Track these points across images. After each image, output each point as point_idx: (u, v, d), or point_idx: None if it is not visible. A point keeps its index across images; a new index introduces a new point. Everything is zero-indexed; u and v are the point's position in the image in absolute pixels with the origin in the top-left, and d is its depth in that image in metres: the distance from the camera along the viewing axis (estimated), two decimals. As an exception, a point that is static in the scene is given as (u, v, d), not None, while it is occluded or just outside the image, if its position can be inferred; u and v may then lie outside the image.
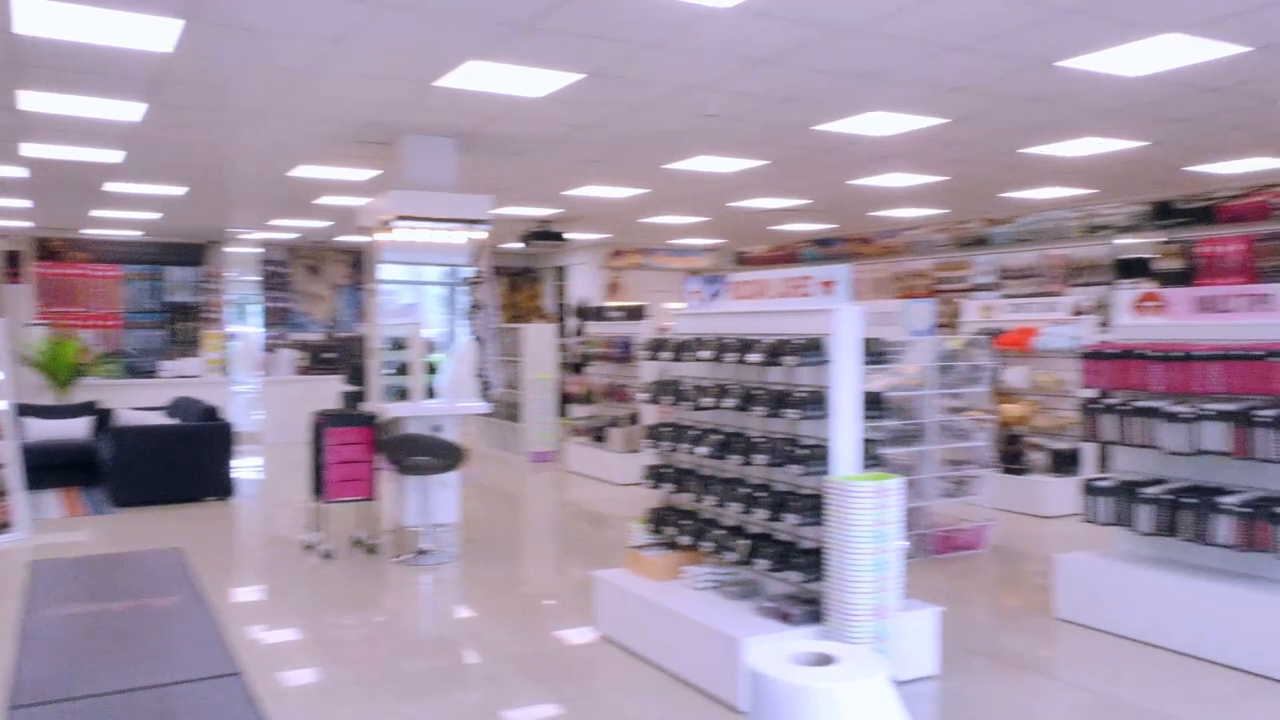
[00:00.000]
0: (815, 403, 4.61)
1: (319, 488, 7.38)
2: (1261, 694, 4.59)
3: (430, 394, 7.58)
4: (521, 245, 15.43)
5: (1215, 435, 4.98)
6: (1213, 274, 11.15)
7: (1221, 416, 4.95)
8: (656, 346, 5.73)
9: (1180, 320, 5.51)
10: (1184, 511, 5.12)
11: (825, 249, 16.66)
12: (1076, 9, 5.07)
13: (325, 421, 7.34)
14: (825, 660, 2.65)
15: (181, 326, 16.49)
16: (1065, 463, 8.80)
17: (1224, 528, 4.94)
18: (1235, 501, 4.95)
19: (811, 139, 8.28)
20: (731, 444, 5.03)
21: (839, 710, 2.44)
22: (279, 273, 17.58)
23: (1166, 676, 4.86)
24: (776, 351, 4.74)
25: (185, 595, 2.84)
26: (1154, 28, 5.39)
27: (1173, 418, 5.15)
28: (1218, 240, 11.26)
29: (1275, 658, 4.70)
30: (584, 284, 19.24)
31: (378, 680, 4.93)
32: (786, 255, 17.33)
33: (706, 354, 5.22)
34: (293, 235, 16.31)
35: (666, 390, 5.53)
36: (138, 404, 11.00)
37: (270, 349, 16.18)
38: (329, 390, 13.16)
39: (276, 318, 17.43)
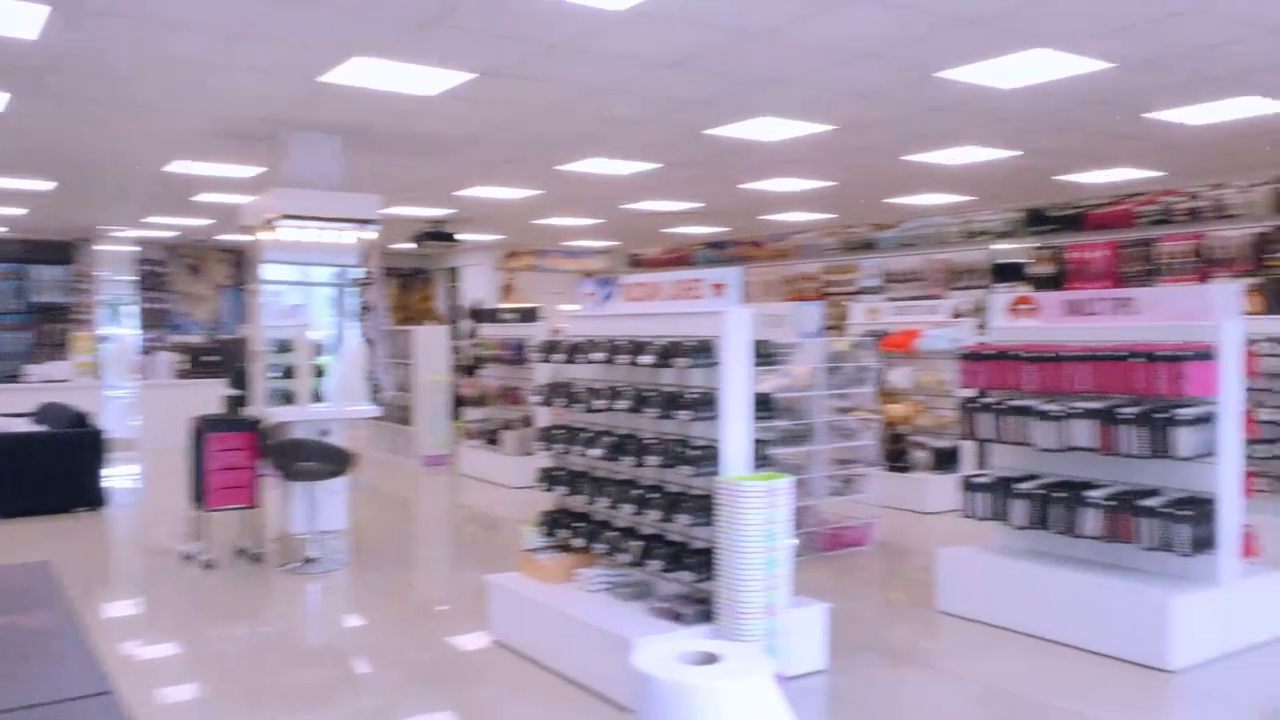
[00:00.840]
0: (706, 404, 4.67)
1: (199, 496, 7.12)
2: (1126, 677, 4.84)
3: (317, 398, 7.40)
4: (413, 246, 15.19)
5: (1083, 432, 5.23)
6: (1081, 278, 11.72)
7: (1088, 414, 5.20)
8: (550, 348, 5.72)
9: (1051, 323, 5.77)
10: (1055, 506, 5.36)
11: (718, 252, 16.89)
12: (954, 22, 5.26)
13: (205, 427, 7.09)
14: (711, 659, 2.69)
15: (50, 328, 15.67)
16: (946, 460, 9.11)
17: (1091, 520, 5.20)
18: (1101, 495, 5.21)
19: (704, 143, 8.39)
20: (624, 445, 5.05)
21: (720, 708, 2.47)
22: (157, 272, 16.89)
23: (1040, 664, 5.08)
24: (668, 353, 4.78)
25: (53, 611, 2.71)
26: (1025, 43, 5.64)
27: (1044, 416, 5.38)
28: (1086, 246, 11.85)
29: (1137, 643, 4.96)
30: (477, 285, 19.05)
31: (263, 693, 4.79)
32: (680, 258, 17.51)
33: (599, 356, 5.23)
34: (171, 233, 15.69)
35: (560, 392, 5.52)
36: (1, 410, 10.40)
37: (147, 352, 15.52)
38: (211, 394, 12.69)
39: (154, 319, 16.74)
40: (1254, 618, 5.25)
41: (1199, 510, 4.94)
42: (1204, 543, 4.95)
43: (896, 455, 9.25)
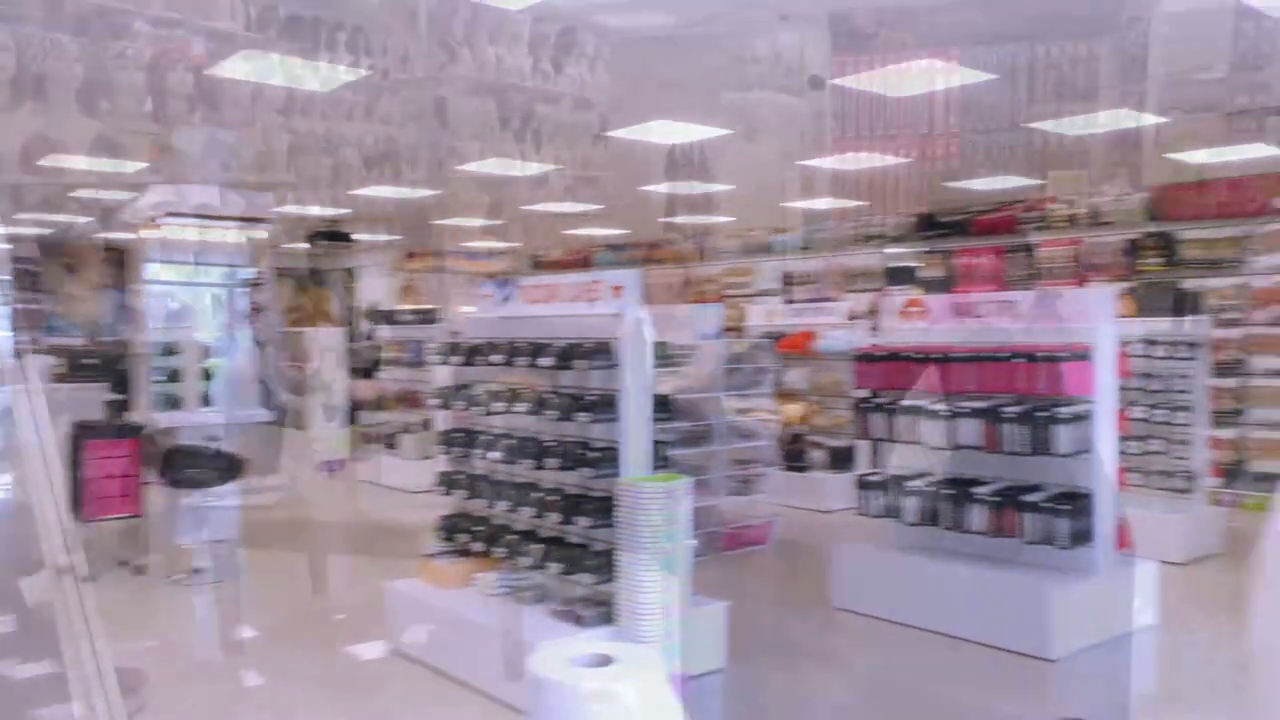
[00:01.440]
0: (606, 406, 4.67)
1: (77, 505, 6.79)
2: (1012, 667, 5.03)
3: (206, 402, 7.16)
4: (308, 246, 14.81)
5: (970, 431, 5.41)
6: (969, 282, 12.12)
7: (975, 414, 5.38)
8: (449, 350, 5.65)
9: (940, 325, 5.95)
10: (944, 502, 5.53)
11: (619, 254, 16.91)
12: (846, 31, 5.39)
13: (83, 433, 6.78)
14: (607, 660, 2.69)
15: (-88, 330, 14.79)
16: (842, 460, 9.30)
17: (977, 516, 5.38)
18: (986, 492, 5.40)
19: (602, 145, 8.38)
20: (524, 448, 5.01)
21: (613, 709, 2.48)
22: (30, 271, 16.06)
23: (932, 657, 5.24)
24: (568, 355, 4.77)
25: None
26: (913, 53, 5.80)
27: (933, 415, 5.55)
28: (973, 251, 12.27)
29: (1021, 633, 5.14)
30: (375, 286, 18.68)
31: (148, 712, 4.59)
32: (581, 260, 17.48)
33: (499, 358, 5.19)
34: (46, 230, 14.96)
35: (459, 395, 5.45)
36: None
37: (20, 355, 14.76)
38: (91, 399, 12.14)
39: (27, 321, 15.92)
40: (1128, 606, 5.50)
41: (1077, 505, 5.16)
42: (1082, 536, 5.17)
43: (794, 455, 9.40)
